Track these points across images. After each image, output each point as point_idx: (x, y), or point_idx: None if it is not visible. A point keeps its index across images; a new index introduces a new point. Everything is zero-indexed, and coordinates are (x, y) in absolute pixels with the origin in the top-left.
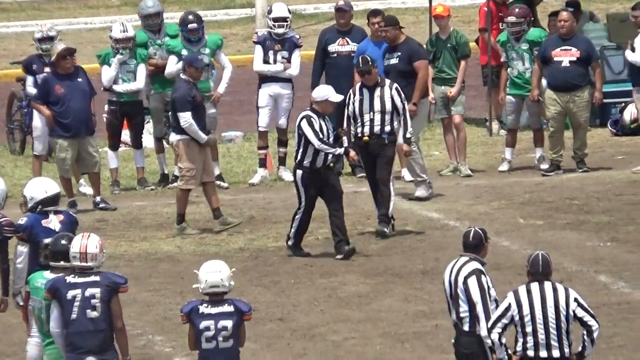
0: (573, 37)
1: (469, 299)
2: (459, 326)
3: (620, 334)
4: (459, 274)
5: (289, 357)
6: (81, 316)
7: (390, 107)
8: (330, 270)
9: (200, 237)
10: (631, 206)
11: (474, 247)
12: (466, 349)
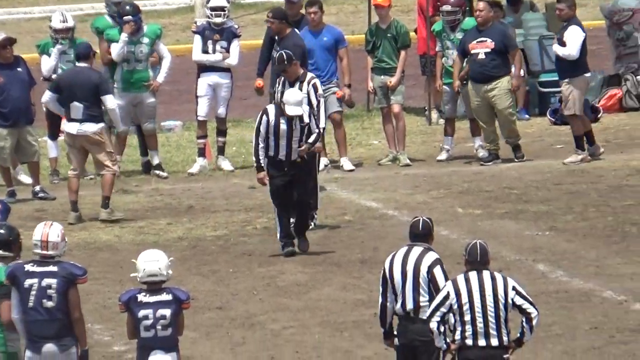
0: (489, 27)
1: (435, 288)
2: (413, 315)
3: (558, 323)
4: (419, 264)
5: (227, 346)
6: (37, 305)
7: (306, 102)
8: (269, 260)
9: (139, 226)
10: (570, 195)
11: (424, 236)
12: (423, 337)
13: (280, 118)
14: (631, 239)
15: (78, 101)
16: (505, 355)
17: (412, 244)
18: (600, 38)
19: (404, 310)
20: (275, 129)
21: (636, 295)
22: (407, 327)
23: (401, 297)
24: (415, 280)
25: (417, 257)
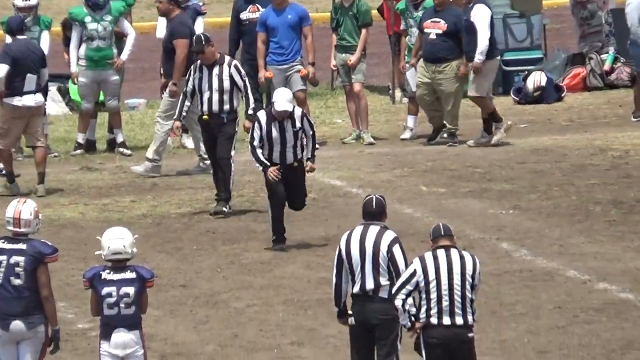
0: (445, 9)
1: (394, 267)
2: (372, 295)
3: (522, 302)
4: (378, 243)
5: (191, 324)
6: (5, 282)
7: (228, 85)
8: (233, 237)
9: (103, 203)
10: (533, 174)
11: (378, 214)
12: (384, 315)
13: (271, 124)
14: (595, 218)
15: (31, 73)
16: (469, 334)
17: (367, 223)
18: (565, 17)
19: (362, 290)
20: (268, 135)
21: (600, 274)
22: (366, 307)
23: (360, 277)
24: (375, 260)
25: (375, 237)
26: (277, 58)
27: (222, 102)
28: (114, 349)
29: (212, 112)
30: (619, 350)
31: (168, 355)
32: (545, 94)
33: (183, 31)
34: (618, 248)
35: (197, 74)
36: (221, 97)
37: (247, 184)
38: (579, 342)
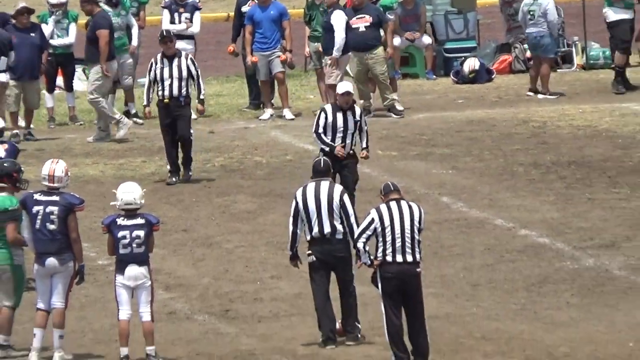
0: (365, 6)
1: (346, 213)
2: (329, 236)
3: (458, 245)
4: (331, 194)
5: (190, 261)
6: (42, 227)
7: (186, 74)
8: (225, 191)
9: (119, 163)
10: (469, 141)
11: (326, 172)
12: (340, 253)
13: (337, 114)
14: (518, 177)
15: (3, 55)
16: (417, 269)
17: (318, 180)
18: (494, 13)
19: (321, 234)
20: (333, 123)
21: (522, 223)
22: (325, 247)
23: (318, 223)
24: (330, 208)
25: (328, 190)
26: (262, 46)
27: (180, 88)
28: (127, 280)
29: (172, 96)
30: (537, 284)
31: (171, 286)
32: (479, 76)
33: (104, 24)
34: (537, 202)
35: (159, 64)
36: (180, 83)
37: (236, 147)
38: (504, 277)
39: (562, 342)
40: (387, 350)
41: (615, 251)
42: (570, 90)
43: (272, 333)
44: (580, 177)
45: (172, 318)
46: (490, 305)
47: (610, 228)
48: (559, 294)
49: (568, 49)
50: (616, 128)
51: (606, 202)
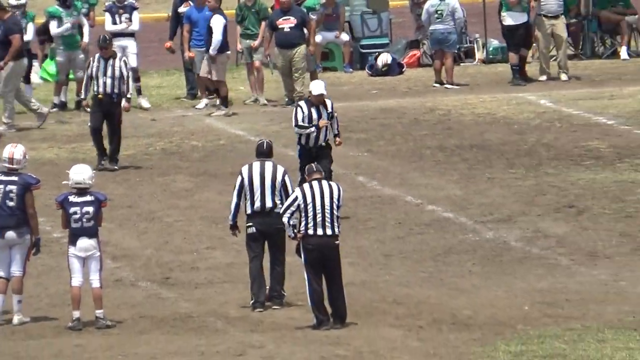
0: (291, 9)
1: (285, 191)
2: (270, 210)
3: (373, 219)
4: (275, 173)
5: (135, 234)
6: (3, 204)
7: (118, 74)
8: (165, 172)
9: (72, 147)
10: (382, 127)
11: (268, 153)
12: (278, 225)
13: (311, 109)
14: (426, 159)
15: None
16: (336, 241)
17: (262, 160)
18: (405, 14)
19: (262, 208)
20: (310, 118)
21: (429, 199)
22: (265, 220)
23: (260, 198)
24: (273, 186)
25: (272, 169)
26: (198, 43)
27: (113, 86)
28: (78, 251)
29: (106, 93)
30: (442, 254)
31: (117, 257)
32: (391, 69)
33: (16, 29)
34: (442, 181)
35: (96, 63)
36: (113, 82)
37: (175, 133)
38: (413, 248)
39: (465, 306)
40: (309, 313)
41: (512, 225)
42: (472, 81)
43: (207, 298)
44: (481, 159)
45: (118, 285)
46: (401, 273)
47: (508, 204)
48: (462, 263)
49: (470, 44)
50: (513, 115)
51: (504, 181)
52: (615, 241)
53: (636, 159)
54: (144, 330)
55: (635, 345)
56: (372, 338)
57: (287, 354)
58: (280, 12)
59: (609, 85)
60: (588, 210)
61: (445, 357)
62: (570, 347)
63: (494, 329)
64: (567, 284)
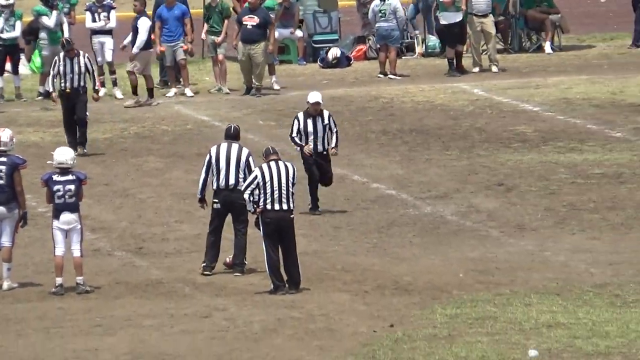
0: (257, 9)
1: (248, 171)
2: (233, 187)
3: (323, 195)
4: (240, 154)
5: (111, 209)
6: None
7: (83, 70)
8: (138, 153)
9: (55, 131)
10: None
11: (235, 136)
12: (240, 201)
13: (307, 120)
14: (371, 142)
15: None
16: (291, 215)
17: (229, 142)
18: (352, 13)
19: (226, 185)
20: (305, 129)
21: (374, 178)
22: (229, 195)
23: (225, 176)
24: (237, 165)
25: (237, 150)
26: (168, 39)
27: (79, 80)
28: (61, 224)
29: (73, 87)
30: (385, 227)
31: (96, 229)
32: (340, 62)
33: None
34: (385, 161)
35: (62, 62)
36: (79, 77)
37: (148, 119)
38: (360, 221)
39: (406, 273)
40: (267, 279)
41: (448, 200)
42: (412, 73)
43: (176, 266)
44: (420, 142)
45: (97, 254)
46: (348, 243)
47: (444, 182)
48: (403, 234)
49: (411, 40)
50: (449, 103)
51: (441, 162)
52: (540, 215)
53: (559, 142)
54: (119, 295)
55: (558, 308)
56: (323, 302)
57: (248, 316)
58: (248, 10)
59: (534, 76)
60: (516, 188)
61: (388, 319)
62: (500, 310)
63: (431, 293)
64: (497, 253)
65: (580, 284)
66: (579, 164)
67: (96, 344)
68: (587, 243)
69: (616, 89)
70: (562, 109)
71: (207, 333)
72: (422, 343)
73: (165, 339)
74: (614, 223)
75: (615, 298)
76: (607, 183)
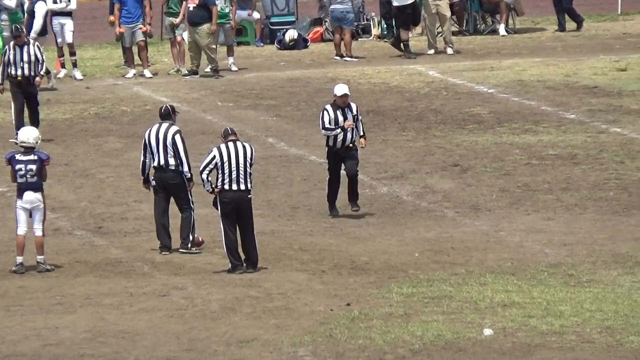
0: None
1: (176, 149)
2: (164, 167)
3: (281, 176)
4: (167, 134)
5: (71, 189)
6: None
7: (33, 58)
8: (98, 134)
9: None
10: (289, 94)
11: (166, 115)
12: (173, 180)
13: (337, 112)
14: None
15: None
16: (249, 195)
17: (162, 122)
18: None
19: (159, 164)
20: (336, 120)
21: None
22: (162, 175)
23: (157, 156)
24: (165, 145)
25: (165, 129)
26: (127, 20)
27: (30, 69)
28: (25, 204)
29: (24, 76)
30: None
31: (56, 208)
32: (297, 44)
33: None
34: None
35: (12, 51)
36: (30, 66)
37: (107, 99)
38: (317, 201)
39: (362, 253)
40: (225, 259)
41: (404, 181)
42: (368, 55)
43: (135, 245)
44: (376, 123)
45: (57, 233)
46: (306, 223)
47: (400, 163)
48: (360, 214)
49: (367, 22)
50: (404, 85)
51: (397, 143)
52: (495, 196)
53: (513, 123)
54: (79, 274)
55: (512, 288)
56: (281, 281)
57: (206, 295)
58: None
59: (489, 58)
60: (471, 169)
61: (345, 298)
62: (455, 290)
63: (388, 273)
64: (453, 233)
65: (534, 264)
66: (534, 145)
67: (56, 322)
68: (541, 223)
69: (570, 71)
70: (516, 91)
71: (166, 311)
72: (378, 322)
73: (125, 317)
74: (568, 204)
75: (569, 278)
76: (561, 164)
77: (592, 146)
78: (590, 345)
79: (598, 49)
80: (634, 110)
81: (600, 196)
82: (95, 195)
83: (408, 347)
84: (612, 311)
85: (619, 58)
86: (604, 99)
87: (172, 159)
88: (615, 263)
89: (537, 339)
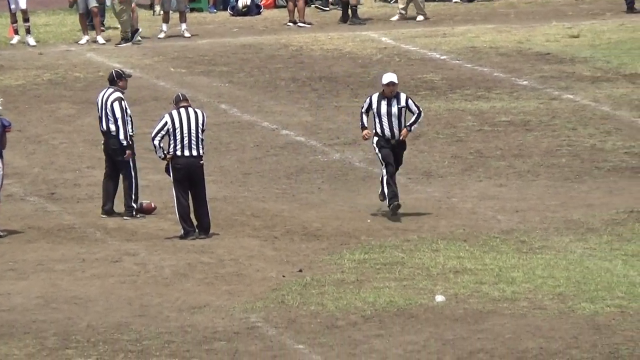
0: None
1: (113, 116)
2: (107, 132)
3: (234, 142)
4: (106, 100)
5: (24, 155)
6: None
7: None
8: (51, 100)
9: None
10: (242, 61)
11: (112, 81)
12: (114, 146)
13: (381, 101)
14: (280, 89)
15: None
16: (201, 161)
17: (107, 88)
18: None
19: (102, 131)
20: (378, 111)
21: (283, 125)
22: (108, 142)
23: (99, 121)
24: (105, 110)
25: (106, 95)
26: None
27: None
28: None
29: None
30: (295, 173)
31: (8, 174)
32: (250, 10)
33: None
34: (295, 108)
35: None
36: None
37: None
38: (269, 168)
39: (315, 219)
40: (177, 225)
41: (356, 148)
42: (321, 21)
43: (88, 211)
44: (329, 89)
45: (10, 199)
46: (258, 189)
47: (352, 129)
48: (312, 181)
49: None
50: (357, 51)
51: (349, 109)
52: (447, 162)
53: (466, 90)
54: (32, 240)
55: (464, 254)
56: (233, 247)
57: (158, 261)
58: None
59: (442, 25)
60: (424, 135)
61: (297, 264)
62: (407, 256)
63: (340, 239)
64: (405, 200)
65: (487, 231)
66: (486, 112)
67: (9, 287)
68: (494, 190)
69: (523, 38)
70: (469, 58)
71: (118, 277)
72: (330, 288)
73: (77, 283)
74: (520, 170)
75: (521, 244)
76: (513, 131)
77: (545, 113)
78: (542, 312)
79: (551, 15)
80: (586, 77)
81: (553, 163)
82: (48, 161)
83: (360, 314)
84: (564, 278)
85: (571, 25)
86: (557, 65)
87: (112, 125)
88: (567, 230)
89: (489, 306)
